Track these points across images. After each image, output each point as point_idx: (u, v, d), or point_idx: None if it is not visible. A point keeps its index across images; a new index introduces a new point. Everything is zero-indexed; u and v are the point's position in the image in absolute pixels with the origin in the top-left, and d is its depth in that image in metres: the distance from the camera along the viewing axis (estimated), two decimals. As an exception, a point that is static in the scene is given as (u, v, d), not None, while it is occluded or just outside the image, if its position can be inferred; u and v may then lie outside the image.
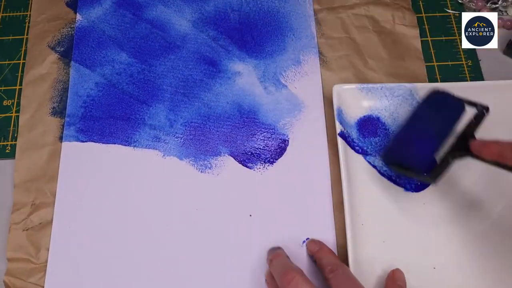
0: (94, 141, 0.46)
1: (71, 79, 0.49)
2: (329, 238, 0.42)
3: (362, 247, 0.40)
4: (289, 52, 0.50)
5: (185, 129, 0.46)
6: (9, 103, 0.49)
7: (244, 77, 0.49)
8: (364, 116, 0.46)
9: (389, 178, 0.44)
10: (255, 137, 0.46)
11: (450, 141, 0.41)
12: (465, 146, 0.39)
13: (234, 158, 0.45)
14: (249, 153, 0.45)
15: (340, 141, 0.44)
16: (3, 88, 0.50)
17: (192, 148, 0.46)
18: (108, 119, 0.47)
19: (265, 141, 0.46)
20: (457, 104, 0.42)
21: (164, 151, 0.45)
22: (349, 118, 0.45)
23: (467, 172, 0.44)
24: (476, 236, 0.42)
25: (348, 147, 0.44)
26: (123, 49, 0.50)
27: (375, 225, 0.42)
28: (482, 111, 0.42)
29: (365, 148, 0.45)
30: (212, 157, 0.45)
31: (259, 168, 0.45)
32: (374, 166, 0.44)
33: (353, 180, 0.43)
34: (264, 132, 0.46)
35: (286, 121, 0.47)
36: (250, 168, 0.45)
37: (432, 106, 0.42)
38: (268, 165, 0.45)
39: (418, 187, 0.44)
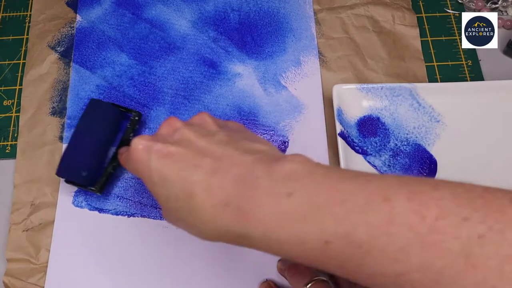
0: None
1: (71, 80, 0.49)
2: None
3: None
4: (289, 53, 0.50)
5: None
6: (9, 103, 0.49)
7: (244, 79, 0.49)
8: (364, 116, 0.46)
9: (389, 178, 0.44)
10: (255, 139, 0.46)
11: (112, 149, 0.44)
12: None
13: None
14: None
15: (340, 141, 0.44)
16: (3, 88, 0.50)
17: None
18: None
19: (265, 143, 0.46)
20: (114, 112, 0.44)
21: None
22: (349, 118, 0.45)
23: (464, 167, 0.44)
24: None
25: (348, 147, 0.44)
26: (123, 50, 0.50)
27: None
28: (134, 117, 0.44)
29: (365, 148, 0.45)
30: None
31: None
32: (374, 166, 0.44)
33: (353, 180, 0.43)
34: (264, 134, 0.46)
35: (286, 122, 0.47)
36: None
37: (91, 117, 0.43)
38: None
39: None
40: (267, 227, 0.24)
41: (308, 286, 0.33)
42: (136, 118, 0.45)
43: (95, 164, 0.42)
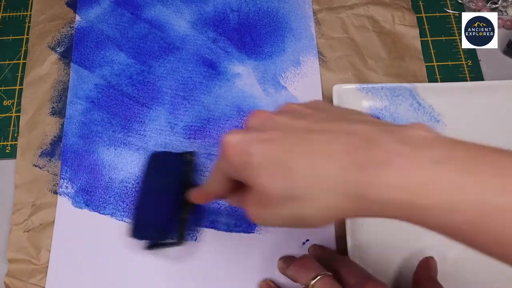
0: (94, 143, 0.46)
1: (70, 80, 0.49)
2: (329, 238, 0.42)
3: (362, 246, 0.41)
4: (289, 53, 0.50)
5: (185, 133, 0.46)
6: (9, 103, 0.49)
7: (244, 79, 0.49)
8: (364, 116, 0.46)
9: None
10: (254, 139, 0.46)
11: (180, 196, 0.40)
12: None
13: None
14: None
15: (340, 141, 0.44)
16: (3, 88, 0.50)
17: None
18: (109, 121, 0.47)
19: (265, 143, 0.46)
20: (174, 159, 0.42)
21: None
22: (349, 118, 0.45)
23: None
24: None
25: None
26: (122, 49, 0.50)
27: (375, 224, 0.42)
28: (191, 157, 0.42)
29: (365, 148, 0.45)
30: (211, 160, 0.45)
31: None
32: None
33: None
34: (264, 134, 0.46)
35: (286, 122, 0.47)
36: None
37: (154, 171, 0.41)
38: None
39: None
40: (412, 194, 0.23)
41: (315, 281, 0.33)
42: (193, 157, 0.43)
43: (166, 219, 0.39)
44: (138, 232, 0.39)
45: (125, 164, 0.45)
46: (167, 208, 0.39)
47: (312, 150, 0.25)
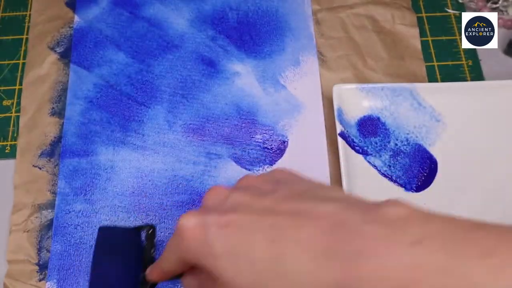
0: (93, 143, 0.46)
1: (69, 80, 0.49)
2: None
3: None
4: (288, 53, 0.50)
5: (184, 131, 0.46)
6: (9, 103, 0.49)
7: (243, 78, 0.49)
8: (364, 116, 0.46)
9: (390, 178, 0.44)
10: (254, 139, 0.46)
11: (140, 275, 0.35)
12: None
13: (232, 160, 0.45)
14: (248, 155, 0.45)
15: (340, 141, 0.43)
16: (2, 88, 0.50)
17: (191, 151, 0.46)
18: (108, 120, 0.47)
19: (264, 143, 0.46)
20: (127, 234, 0.38)
21: (163, 155, 0.45)
22: (349, 118, 0.45)
23: (465, 167, 0.44)
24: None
25: (348, 147, 0.44)
26: (121, 49, 0.50)
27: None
28: (149, 231, 0.38)
29: (365, 148, 0.45)
30: (210, 159, 0.45)
31: (259, 170, 0.45)
32: (374, 166, 0.44)
33: (353, 180, 0.42)
34: (263, 133, 0.46)
35: (285, 122, 0.47)
36: (249, 170, 0.45)
37: (106, 248, 0.36)
38: (268, 167, 0.45)
39: (419, 187, 0.44)
40: (396, 281, 0.20)
41: None
42: (150, 231, 0.39)
43: None
44: None
45: (126, 164, 0.45)
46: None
47: (277, 237, 0.23)
